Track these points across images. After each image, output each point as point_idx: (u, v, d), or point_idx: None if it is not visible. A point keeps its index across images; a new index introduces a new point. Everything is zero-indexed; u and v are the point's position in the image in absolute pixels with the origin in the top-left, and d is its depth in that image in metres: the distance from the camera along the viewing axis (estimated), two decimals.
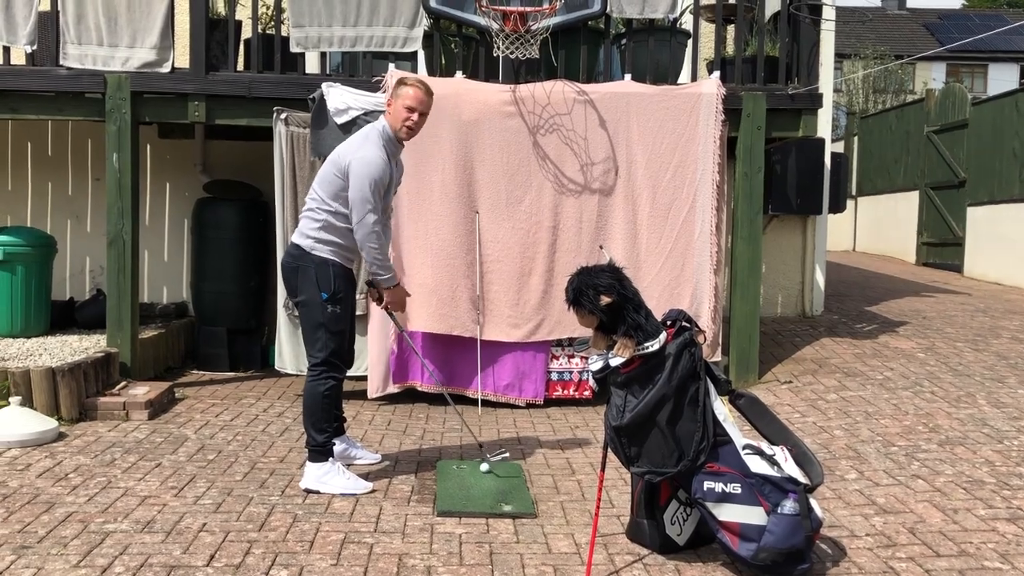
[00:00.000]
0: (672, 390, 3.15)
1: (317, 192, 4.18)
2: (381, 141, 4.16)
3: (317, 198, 4.17)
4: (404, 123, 4.18)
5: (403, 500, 4.03)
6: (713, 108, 6.00)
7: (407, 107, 4.17)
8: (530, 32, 5.78)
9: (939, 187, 12.50)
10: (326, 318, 4.12)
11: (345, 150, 4.17)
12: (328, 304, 4.12)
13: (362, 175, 4.04)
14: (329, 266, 4.14)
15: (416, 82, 4.24)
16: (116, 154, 5.95)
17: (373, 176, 4.05)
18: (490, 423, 5.55)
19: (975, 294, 9.70)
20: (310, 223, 4.17)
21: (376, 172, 4.06)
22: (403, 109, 4.17)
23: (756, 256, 6.24)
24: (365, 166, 4.05)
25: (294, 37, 5.93)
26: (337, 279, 4.16)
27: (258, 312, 7.04)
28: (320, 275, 4.12)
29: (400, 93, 4.19)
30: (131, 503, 3.88)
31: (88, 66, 5.89)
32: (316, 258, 4.14)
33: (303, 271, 4.15)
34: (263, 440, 4.95)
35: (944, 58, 34.04)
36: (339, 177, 4.10)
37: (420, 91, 4.21)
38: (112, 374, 5.75)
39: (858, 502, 3.99)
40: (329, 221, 4.13)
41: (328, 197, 4.13)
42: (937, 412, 5.23)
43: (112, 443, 4.78)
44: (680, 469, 3.18)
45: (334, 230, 4.14)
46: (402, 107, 4.17)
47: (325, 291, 4.12)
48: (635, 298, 3.17)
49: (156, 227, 7.50)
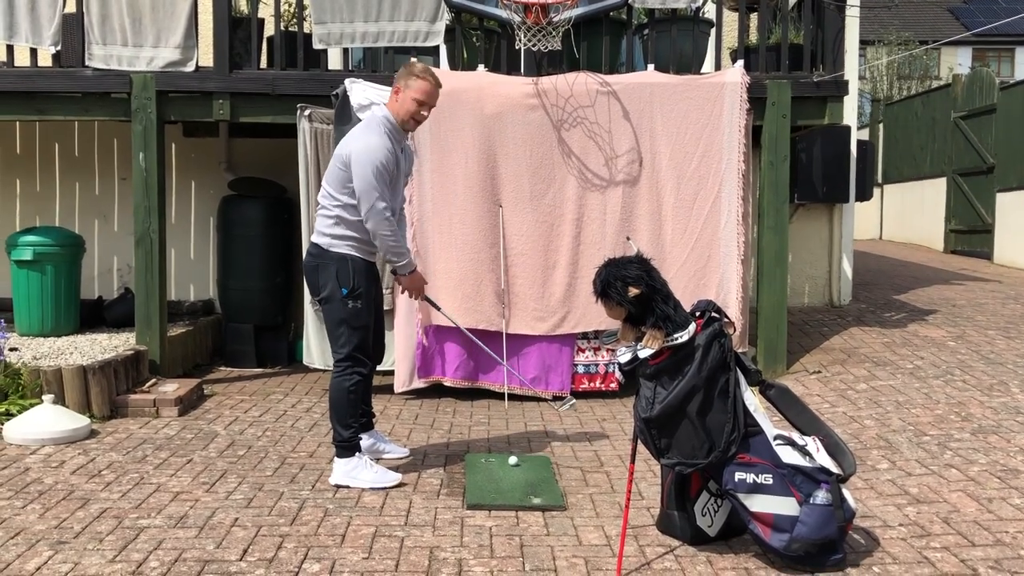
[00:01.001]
0: (702, 381, 3.14)
1: (326, 188, 4.16)
2: (383, 129, 4.12)
3: (327, 194, 4.16)
4: (412, 116, 4.16)
5: (432, 493, 4.04)
6: (737, 97, 5.96)
7: (416, 100, 4.14)
8: (552, 24, 5.76)
9: (967, 173, 12.35)
10: (347, 314, 4.12)
11: (346, 141, 4.14)
12: (348, 300, 4.11)
13: (364, 163, 3.99)
14: (348, 261, 4.13)
15: (425, 73, 4.17)
16: (142, 153, 6.00)
17: (376, 162, 4.00)
18: (517, 416, 5.55)
19: (1005, 281, 9.58)
20: (324, 221, 4.17)
21: (379, 158, 4.01)
22: (412, 101, 4.14)
23: (783, 246, 6.19)
24: (367, 153, 4.01)
25: (316, 34, 5.95)
26: (357, 274, 4.14)
27: (284, 308, 7.07)
28: (340, 271, 4.12)
29: (410, 84, 4.14)
30: (164, 499, 3.91)
31: (113, 66, 5.94)
32: (335, 255, 4.13)
33: (323, 268, 4.15)
34: (292, 435, 4.98)
35: (970, 43, 33.59)
36: (343, 169, 4.07)
37: (430, 84, 4.16)
38: (142, 372, 5.80)
39: (890, 492, 3.96)
40: (341, 215, 4.11)
41: (336, 191, 4.11)
42: (969, 401, 5.17)
43: (143, 440, 4.83)
44: (711, 460, 3.17)
45: (347, 224, 4.12)
46: (411, 99, 4.14)
47: (345, 287, 4.11)
48: (663, 289, 3.15)
49: (182, 225, 7.56)
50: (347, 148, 4.08)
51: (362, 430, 4.35)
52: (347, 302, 4.12)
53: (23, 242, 6.33)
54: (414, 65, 4.26)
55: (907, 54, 23.22)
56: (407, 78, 4.17)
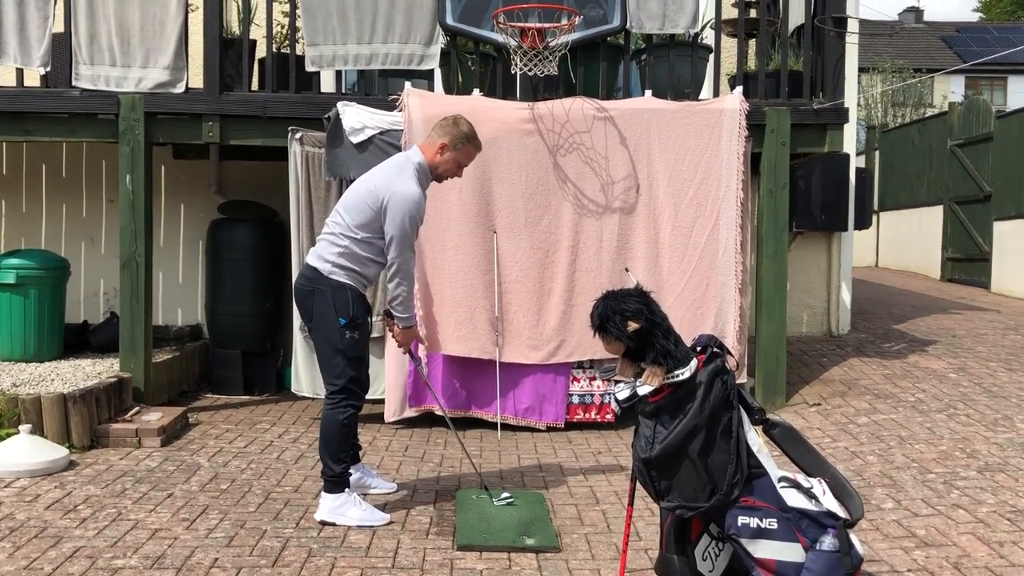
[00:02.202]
0: (704, 420, 3.00)
1: (343, 217, 4.04)
2: (417, 176, 4.05)
3: (342, 223, 4.03)
4: (450, 175, 4.17)
5: (421, 533, 3.89)
6: (736, 124, 5.87)
7: (461, 164, 4.17)
8: (548, 48, 5.67)
9: (964, 201, 12.29)
10: (344, 344, 4.00)
11: (382, 182, 4.02)
12: (347, 330, 3.99)
13: (404, 210, 3.93)
14: (347, 290, 4.02)
15: (475, 137, 4.17)
16: (130, 175, 5.87)
17: (413, 212, 3.95)
18: (510, 448, 5.40)
19: (1004, 311, 9.48)
20: (330, 247, 4.04)
21: (416, 208, 3.97)
22: (455, 163, 4.14)
23: (782, 274, 6.08)
24: (409, 202, 3.94)
25: (309, 56, 5.85)
26: (355, 303, 4.04)
27: (273, 334, 6.93)
28: (337, 299, 4.00)
29: (458, 147, 4.11)
30: (141, 536, 3.75)
31: (101, 87, 5.82)
32: (334, 282, 4.01)
33: (319, 294, 4.02)
34: (277, 468, 4.82)
35: (962, 71, 33.76)
36: (372, 208, 3.97)
37: (478, 151, 4.21)
38: (125, 399, 5.64)
39: (897, 534, 3.82)
40: (351, 249, 4.01)
41: (355, 225, 4.00)
42: (974, 436, 5.05)
43: (124, 472, 4.67)
44: (713, 503, 3.03)
45: (355, 258, 4.02)
46: (456, 160, 4.13)
47: (343, 316, 3.99)
48: (664, 323, 3.02)
49: (170, 249, 7.42)
50: (386, 189, 3.97)
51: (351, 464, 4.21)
52: (345, 332, 4.00)
53: (6, 265, 6.18)
54: (463, 122, 4.16)
55: (904, 83, 23.29)
56: (458, 138, 4.11)
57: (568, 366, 5.88)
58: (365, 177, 4.12)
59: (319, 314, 4.03)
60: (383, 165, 4.18)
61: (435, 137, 4.15)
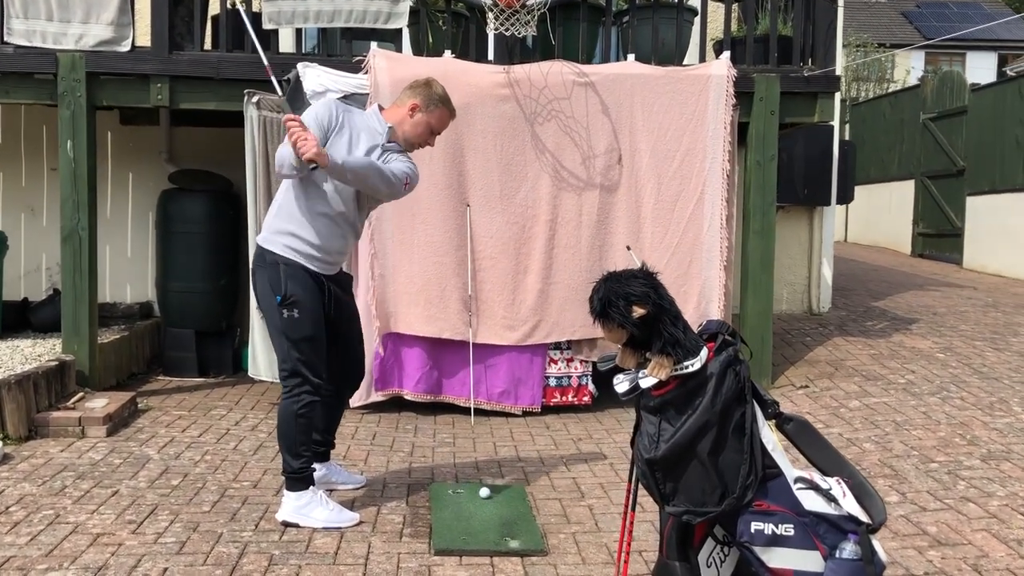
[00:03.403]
0: (715, 416, 2.68)
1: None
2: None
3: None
4: (420, 140, 3.75)
5: (394, 534, 3.55)
6: (723, 91, 5.55)
7: (433, 129, 3.76)
8: (525, 8, 5.29)
9: (936, 176, 12.14)
10: (284, 324, 3.55)
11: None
12: (283, 308, 3.54)
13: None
14: (279, 266, 3.57)
15: (448, 101, 3.77)
16: (71, 141, 5.40)
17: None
18: (484, 435, 5.07)
19: (980, 287, 9.35)
20: (269, 213, 3.76)
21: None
22: (427, 126, 3.72)
23: (769, 250, 5.80)
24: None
25: (266, 12, 5.40)
26: (289, 280, 3.54)
27: (229, 313, 6.51)
28: (272, 275, 3.56)
29: (432, 108, 3.71)
30: (81, 543, 3.36)
31: (37, 43, 5.32)
32: (269, 256, 3.59)
33: (259, 270, 3.64)
34: (235, 460, 4.44)
35: (922, 46, 33.84)
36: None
37: (452, 117, 3.82)
38: (67, 384, 5.21)
39: (907, 531, 3.56)
40: (286, 206, 3.65)
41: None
42: (972, 421, 4.82)
43: (64, 466, 4.25)
44: (724, 508, 2.72)
45: (291, 217, 3.62)
46: (427, 123, 3.72)
47: (278, 293, 3.54)
48: (672, 308, 2.69)
49: (119, 221, 6.94)
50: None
51: (316, 459, 3.84)
52: (282, 311, 3.54)
53: None
54: (436, 84, 3.76)
55: (874, 58, 23.19)
56: (431, 99, 3.70)
57: (545, 347, 5.56)
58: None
59: (260, 292, 3.63)
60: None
61: (405, 98, 3.76)
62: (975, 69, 35.81)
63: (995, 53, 37.09)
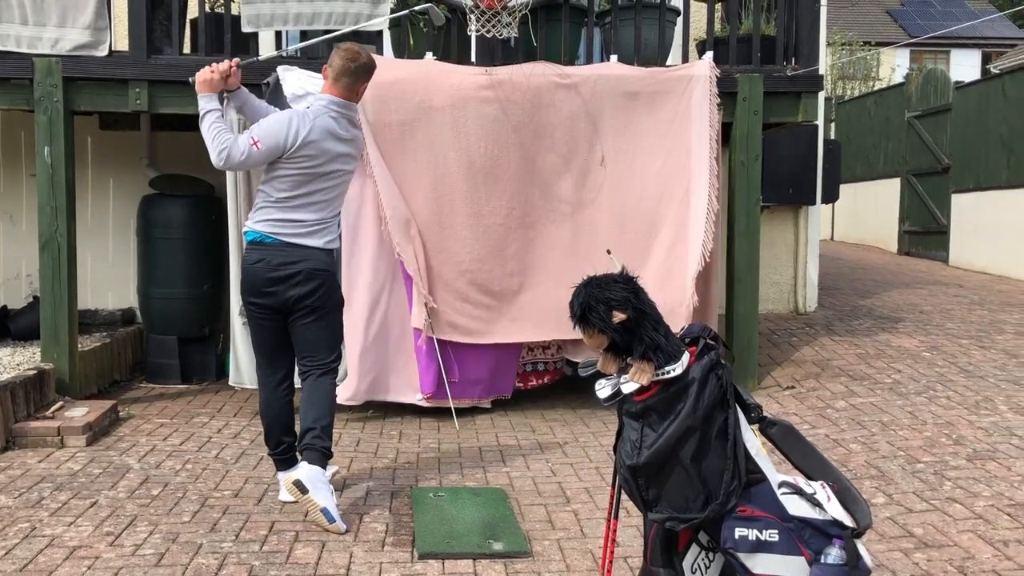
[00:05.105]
0: (698, 421, 2.65)
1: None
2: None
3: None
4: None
5: (376, 543, 3.50)
6: (707, 91, 5.52)
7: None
8: (507, 9, 5.26)
9: (921, 174, 12.16)
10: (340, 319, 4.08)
11: None
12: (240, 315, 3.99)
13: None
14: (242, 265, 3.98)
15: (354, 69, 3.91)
16: (48, 147, 5.34)
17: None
18: (470, 439, 5.02)
19: (966, 285, 9.35)
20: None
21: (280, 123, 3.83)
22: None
23: (754, 251, 5.78)
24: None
25: (245, 15, 5.35)
26: (243, 281, 3.88)
27: (212, 319, 6.44)
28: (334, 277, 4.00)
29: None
30: (57, 557, 3.31)
31: (11, 48, 5.25)
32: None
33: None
34: (216, 468, 4.39)
35: (911, 45, 33.97)
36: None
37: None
38: (47, 393, 5.15)
39: (893, 533, 3.54)
40: (262, 203, 3.95)
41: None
42: (958, 421, 4.81)
43: (42, 477, 4.19)
44: (708, 515, 2.69)
45: (265, 210, 3.93)
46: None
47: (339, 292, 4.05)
48: (652, 313, 2.66)
49: (99, 227, 6.87)
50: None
51: (284, 464, 3.87)
52: (342, 307, 4.00)
53: None
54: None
55: (858, 56, 23.26)
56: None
57: (519, 346, 5.56)
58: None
59: (328, 292, 3.91)
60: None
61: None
62: (959, 67, 35.96)
63: (979, 51, 37.28)
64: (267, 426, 3.90)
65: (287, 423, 3.90)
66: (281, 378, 3.90)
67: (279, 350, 3.87)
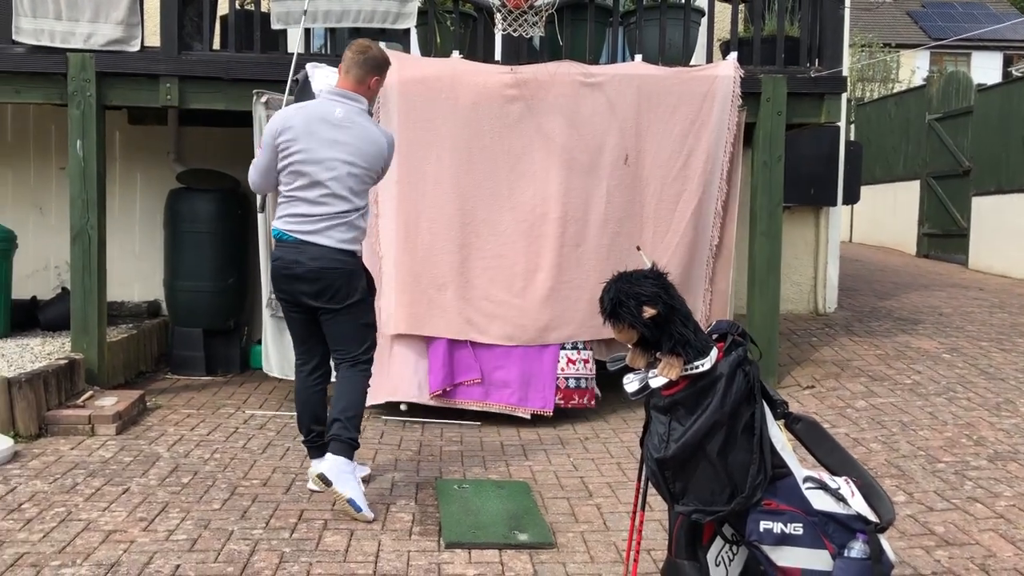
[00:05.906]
0: (725, 416, 2.70)
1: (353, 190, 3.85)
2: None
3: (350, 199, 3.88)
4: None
5: (404, 532, 3.57)
6: (730, 92, 5.55)
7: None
8: (533, 8, 5.31)
9: (942, 176, 12.13)
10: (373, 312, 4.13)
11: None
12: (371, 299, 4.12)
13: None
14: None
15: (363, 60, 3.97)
16: (80, 141, 5.43)
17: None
18: (491, 434, 5.09)
19: (986, 288, 9.34)
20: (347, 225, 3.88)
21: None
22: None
23: (775, 252, 5.81)
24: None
25: (275, 12, 5.42)
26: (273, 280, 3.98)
27: (237, 312, 6.53)
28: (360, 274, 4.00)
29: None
30: (93, 540, 3.39)
31: (45, 42, 5.34)
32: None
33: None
34: (244, 458, 4.47)
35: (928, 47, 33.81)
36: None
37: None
38: (77, 383, 5.24)
39: (914, 531, 3.57)
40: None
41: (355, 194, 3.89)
42: (978, 422, 4.83)
43: (74, 464, 4.28)
44: (733, 507, 2.74)
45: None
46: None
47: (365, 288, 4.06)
48: (682, 308, 2.71)
49: (127, 220, 6.96)
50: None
51: (315, 452, 3.95)
52: (370, 302, 4.06)
53: None
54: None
55: (880, 59, 23.17)
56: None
57: (557, 348, 5.55)
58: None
59: (352, 288, 3.94)
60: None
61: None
62: (980, 69, 35.72)
63: (1000, 53, 37.01)
64: (298, 412, 4.00)
65: (316, 412, 3.97)
66: (313, 367, 3.97)
67: (311, 340, 3.94)
